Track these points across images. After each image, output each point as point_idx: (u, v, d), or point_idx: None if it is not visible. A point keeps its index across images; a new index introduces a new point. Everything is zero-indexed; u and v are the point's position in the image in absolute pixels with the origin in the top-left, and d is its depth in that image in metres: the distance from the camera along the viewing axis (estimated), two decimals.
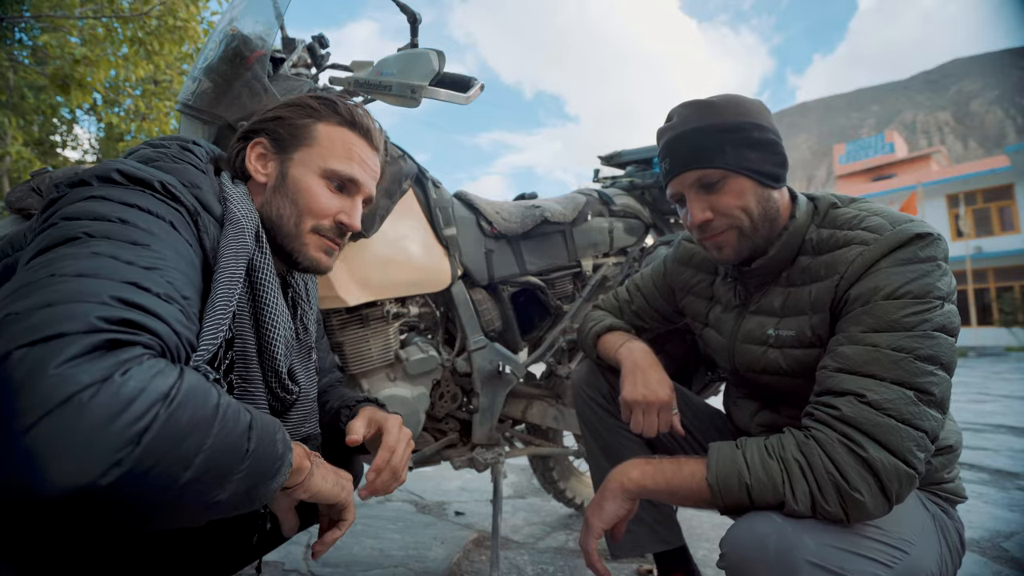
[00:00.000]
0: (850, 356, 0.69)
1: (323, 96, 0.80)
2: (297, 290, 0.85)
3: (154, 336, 0.47)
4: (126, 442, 0.39)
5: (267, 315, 0.70)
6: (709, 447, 0.74)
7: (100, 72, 5.58)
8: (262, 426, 0.52)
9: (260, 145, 0.76)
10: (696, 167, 0.81)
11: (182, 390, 0.44)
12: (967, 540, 1.44)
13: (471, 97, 1.25)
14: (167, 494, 0.43)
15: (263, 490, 0.53)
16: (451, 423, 1.50)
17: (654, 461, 0.78)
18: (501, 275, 1.48)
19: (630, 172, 1.87)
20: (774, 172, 0.81)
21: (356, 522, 1.83)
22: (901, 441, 0.63)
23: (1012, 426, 3.65)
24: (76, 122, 8.91)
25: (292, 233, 0.75)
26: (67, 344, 0.41)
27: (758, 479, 0.67)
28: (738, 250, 0.84)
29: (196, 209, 0.63)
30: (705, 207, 0.82)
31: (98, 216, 0.53)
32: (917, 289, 0.68)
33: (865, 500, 0.62)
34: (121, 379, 0.41)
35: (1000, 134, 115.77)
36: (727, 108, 0.81)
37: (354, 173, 0.78)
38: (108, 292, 0.46)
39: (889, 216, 0.76)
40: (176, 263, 0.55)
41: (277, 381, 0.73)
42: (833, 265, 0.76)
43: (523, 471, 2.57)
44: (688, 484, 0.73)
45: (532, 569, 1.45)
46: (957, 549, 0.78)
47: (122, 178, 0.58)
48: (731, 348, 0.93)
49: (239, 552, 0.83)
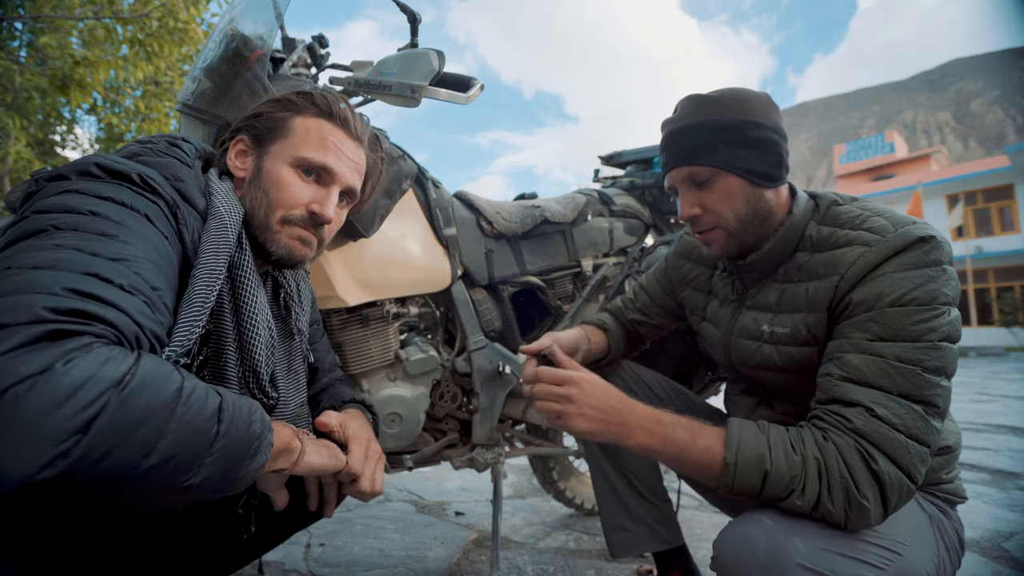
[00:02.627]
0: (857, 366, 0.69)
1: (304, 91, 0.80)
2: (289, 291, 0.85)
3: (109, 326, 0.46)
4: (71, 432, 0.39)
5: (246, 312, 0.70)
6: (729, 423, 0.71)
7: (100, 73, 5.58)
8: (235, 408, 0.51)
9: (241, 142, 0.77)
10: (687, 163, 0.82)
11: (137, 376, 0.43)
12: (968, 540, 1.44)
13: (471, 97, 1.25)
14: (131, 480, 0.42)
15: (242, 472, 0.52)
16: (451, 423, 1.49)
17: (665, 423, 0.73)
18: (501, 275, 1.48)
19: (630, 172, 1.87)
20: (769, 172, 0.80)
21: (356, 522, 1.83)
22: (909, 456, 0.64)
23: (1012, 426, 3.64)
24: (76, 122, 8.92)
25: (263, 224, 0.74)
26: (7, 336, 0.40)
27: (778, 470, 0.65)
28: (725, 248, 0.85)
29: (175, 201, 0.62)
30: (694, 203, 0.84)
31: (68, 209, 0.53)
32: (923, 296, 0.68)
33: (870, 508, 0.63)
34: (63, 368, 0.40)
35: (1000, 134, 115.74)
36: (727, 105, 0.80)
37: (327, 161, 0.76)
38: (62, 283, 0.45)
39: (892, 217, 0.75)
40: (147, 254, 0.54)
41: (255, 383, 0.72)
42: (833, 264, 0.76)
43: (523, 471, 2.57)
44: (699, 458, 0.70)
45: (532, 569, 1.45)
46: (956, 549, 0.77)
47: (100, 171, 0.58)
48: (726, 343, 0.93)
49: (236, 548, 0.83)
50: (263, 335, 0.72)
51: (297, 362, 0.84)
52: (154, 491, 0.45)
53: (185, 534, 0.75)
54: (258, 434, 0.54)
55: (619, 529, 1.09)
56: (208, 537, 0.78)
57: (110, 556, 0.67)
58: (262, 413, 0.56)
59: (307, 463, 0.64)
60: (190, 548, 0.77)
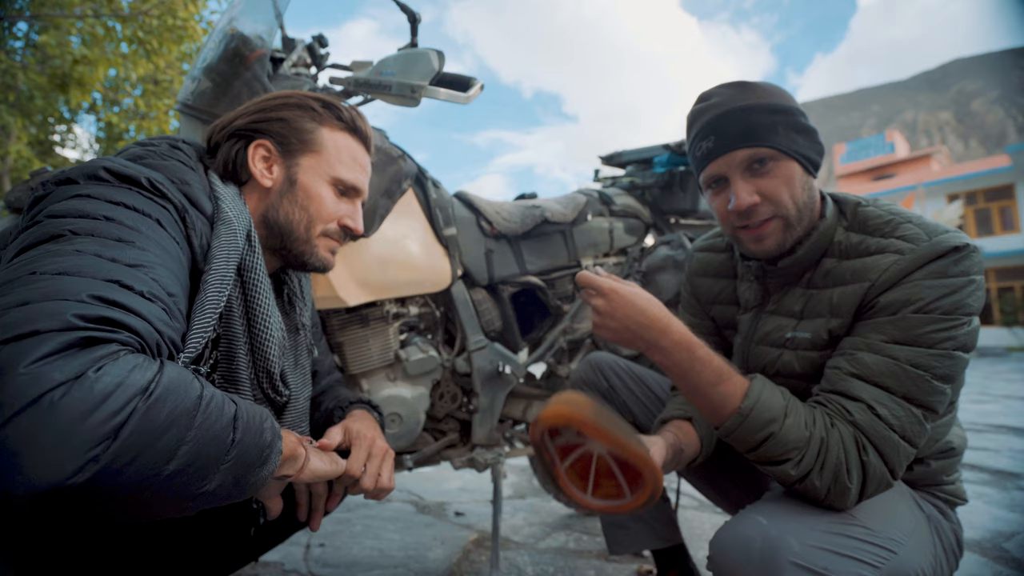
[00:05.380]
0: (868, 364, 0.70)
1: (322, 98, 0.80)
2: (292, 288, 0.86)
3: (133, 334, 0.46)
4: (101, 438, 0.39)
5: (259, 316, 0.71)
6: (755, 379, 0.72)
7: (99, 71, 5.59)
8: (248, 416, 0.52)
9: (263, 147, 0.76)
10: (748, 145, 0.76)
11: (161, 383, 0.44)
12: (968, 541, 1.44)
13: (471, 97, 1.25)
14: (151, 486, 0.43)
15: (253, 478, 0.53)
16: (451, 423, 1.49)
17: (697, 357, 0.71)
18: (501, 275, 1.48)
19: (630, 172, 1.86)
20: (816, 161, 0.79)
21: (356, 522, 1.83)
22: (898, 456, 0.67)
23: (1013, 426, 3.64)
24: (75, 121, 8.92)
25: (303, 237, 0.77)
26: (40, 342, 0.40)
27: (784, 438, 0.68)
28: (781, 242, 0.79)
29: (184, 206, 0.63)
30: (752, 190, 0.77)
31: (83, 214, 0.53)
32: (948, 305, 0.68)
33: (851, 491, 0.66)
34: (95, 375, 0.40)
35: (1001, 134, 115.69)
36: (773, 91, 0.78)
37: (358, 181, 0.81)
38: (87, 290, 0.45)
39: (923, 224, 0.73)
40: (162, 260, 0.55)
41: (269, 382, 0.73)
42: (863, 271, 0.74)
43: (523, 471, 2.57)
44: (715, 401, 0.71)
45: (532, 569, 1.45)
46: (954, 550, 0.77)
47: (109, 175, 0.58)
48: (745, 349, 0.91)
49: (236, 549, 0.83)
50: (276, 335, 0.73)
51: (302, 357, 0.85)
52: (171, 497, 0.45)
53: (183, 535, 0.75)
54: (269, 442, 0.55)
55: (618, 527, 1.10)
56: (206, 537, 0.78)
57: (110, 556, 0.67)
58: (272, 421, 0.57)
59: (311, 470, 0.65)
60: (191, 548, 0.77)
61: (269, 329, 0.71)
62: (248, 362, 0.70)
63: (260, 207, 0.76)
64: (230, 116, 0.78)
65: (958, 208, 13.47)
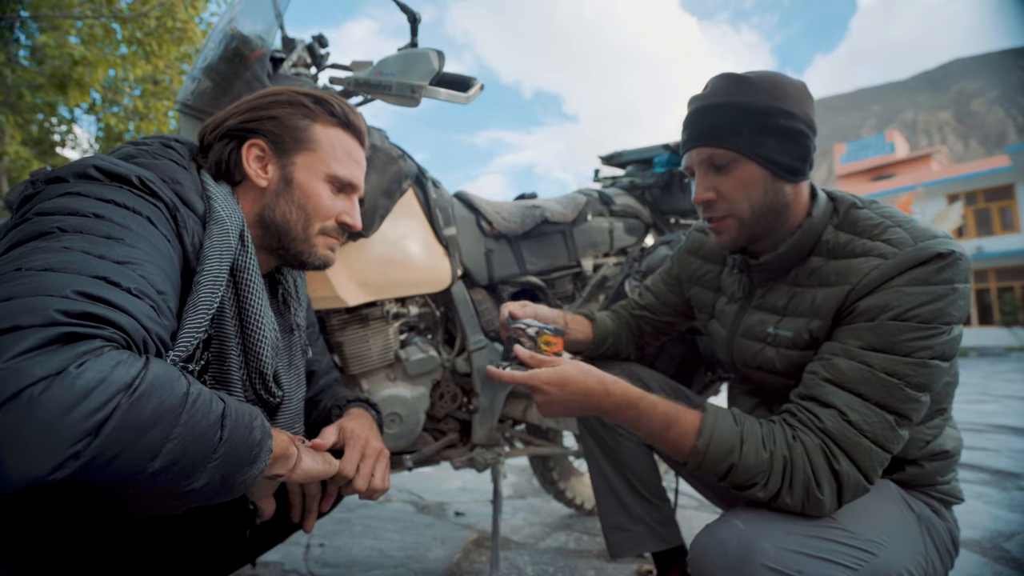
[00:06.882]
0: (843, 370, 0.69)
1: (313, 93, 0.79)
2: (287, 288, 0.86)
3: (119, 330, 0.46)
4: (83, 434, 0.39)
5: (252, 317, 0.70)
6: (706, 412, 0.72)
7: (98, 72, 5.59)
8: (237, 414, 0.52)
9: (257, 147, 0.75)
10: (707, 144, 0.78)
11: (146, 380, 0.43)
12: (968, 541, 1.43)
13: (471, 97, 1.25)
14: (136, 484, 0.42)
15: (242, 477, 0.52)
16: (451, 423, 1.49)
17: (641, 409, 0.73)
18: (501, 275, 1.48)
19: (630, 172, 1.86)
20: (791, 165, 0.76)
21: (356, 522, 1.83)
22: (870, 461, 0.67)
23: (1013, 426, 3.64)
24: (75, 121, 8.91)
25: (301, 236, 0.77)
26: (21, 337, 0.40)
27: (745, 464, 0.68)
28: (734, 239, 0.82)
29: (175, 204, 0.62)
30: (709, 187, 0.80)
31: (72, 211, 0.53)
32: (926, 313, 0.67)
33: (825, 502, 0.66)
34: (77, 371, 0.40)
35: (1001, 133, 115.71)
36: (760, 88, 0.76)
37: (354, 177, 0.81)
38: (72, 286, 0.45)
39: (913, 229, 0.72)
40: (152, 258, 0.55)
41: (261, 383, 0.72)
42: (846, 274, 0.74)
43: (523, 471, 2.57)
44: (672, 443, 0.73)
45: (532, 569, 1.45)
46: (948, 550, 0.77)
47: (99, 174, 0.58)
48: (730, 341, 0.92)
49: (232, 550, 0.83)
50: (268, 336, 0.72)
51: (297, 357, 0.84)
52: (157, 495, 0.45)
53: (179, 536, 0.75)
54: (258, 440, 0.54)
55: (618, 529, 1.10)
56: (202, 539, 0.78)
57: (107, 557, 0.66)
58: (263, 420, 0.56)
59: (304, 469, 0.64)
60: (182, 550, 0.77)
61: (262, 330, 0.71)
62: (240, 363, 0.70)
63: (256, 207, 0.76)
64: (221, 116, 0.77)
65: (959, 209, 13.45)
